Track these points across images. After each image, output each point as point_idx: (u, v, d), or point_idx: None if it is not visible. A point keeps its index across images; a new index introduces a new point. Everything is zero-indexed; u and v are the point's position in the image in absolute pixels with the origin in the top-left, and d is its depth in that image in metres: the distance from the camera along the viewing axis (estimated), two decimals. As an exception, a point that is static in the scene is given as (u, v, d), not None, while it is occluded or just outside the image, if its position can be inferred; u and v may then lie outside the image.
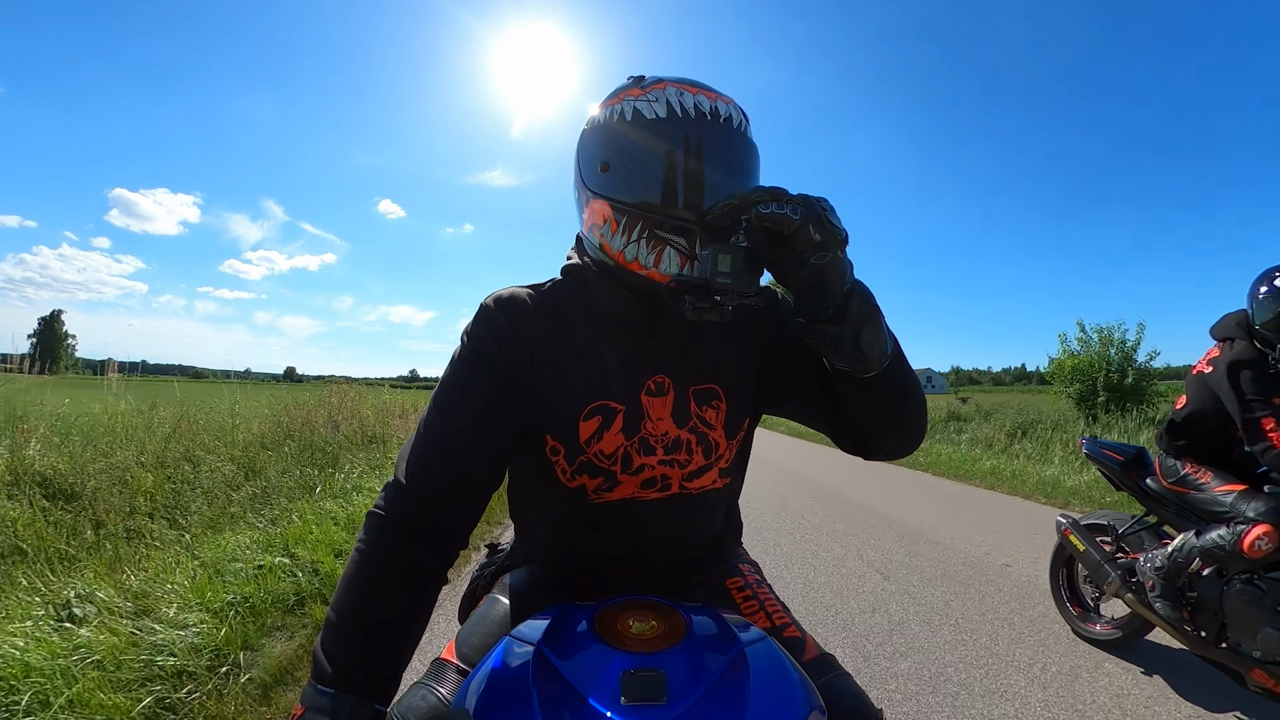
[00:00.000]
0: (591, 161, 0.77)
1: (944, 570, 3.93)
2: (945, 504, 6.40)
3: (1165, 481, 2.52)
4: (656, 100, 0.73)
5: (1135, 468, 2.71)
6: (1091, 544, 2.72)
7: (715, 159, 0.72)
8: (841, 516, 5.61)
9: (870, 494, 6.91)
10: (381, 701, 0.62)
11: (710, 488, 0.86)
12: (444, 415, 0.74)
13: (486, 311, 0.79)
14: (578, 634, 0.63)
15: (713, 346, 0.85)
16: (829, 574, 3.80)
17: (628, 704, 0.51)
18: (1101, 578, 2.63)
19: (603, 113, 0.77)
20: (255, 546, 3.35)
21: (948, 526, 5.22)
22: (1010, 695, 2.31)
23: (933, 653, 2.68)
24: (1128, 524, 2.69)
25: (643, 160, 0.72)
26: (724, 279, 0.63)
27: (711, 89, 0.75)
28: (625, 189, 0.74)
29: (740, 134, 0.75)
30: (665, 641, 0.60)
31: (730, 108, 0.75)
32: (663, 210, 0.71)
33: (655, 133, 0.72)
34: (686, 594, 0.91)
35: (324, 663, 0.62)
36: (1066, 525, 2.88)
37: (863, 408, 0.75)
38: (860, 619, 3.05)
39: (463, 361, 0.77)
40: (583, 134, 0.81)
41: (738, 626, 0.65)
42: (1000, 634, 2.90)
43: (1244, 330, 2.30)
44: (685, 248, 0.71)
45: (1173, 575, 2.31)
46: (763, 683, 0.55)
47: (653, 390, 0.80)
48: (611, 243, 0.75)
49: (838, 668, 0.78)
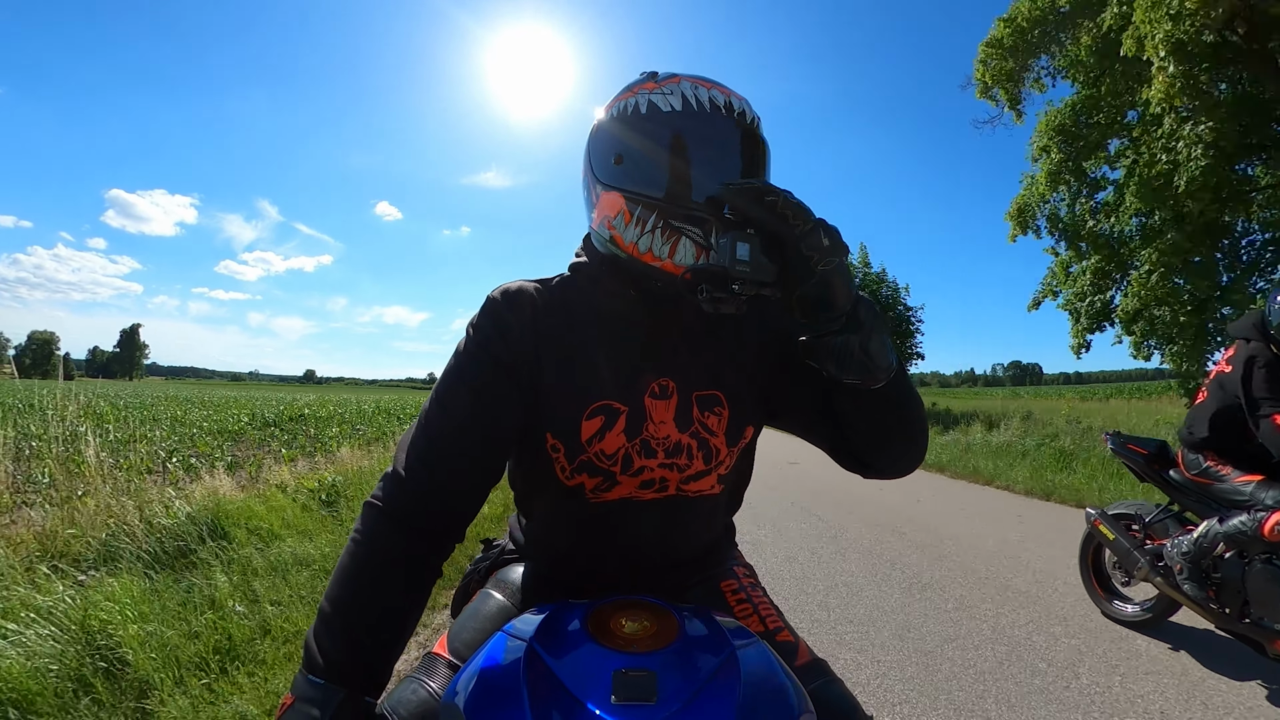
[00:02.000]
0: (604, 154, 0.77)
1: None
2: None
3: (1188, 473, 2.70)
4: (671, 93, 0.74)
5: (1158, 460, 2.88)
6: (1120, 532, 2.90)
7: (730, 151, 0.73)
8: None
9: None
10: (372, 694, 0.62)
11: (708, 493, 0.86)
12: (445, 407, 0.74)
13: (492, 304, 0.78)
14: (570, 632, 0.63)
15: (718, 353, 0.84)
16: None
17: (618, 703, 0.51)
18: (1131, 563, 2.80)
19: (616, 106, 0.78)
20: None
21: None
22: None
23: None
24: (1153, 513, 2.87)
25: (658, 151, 0.73)
26: (743, 267, 0.63)
27: (725, 86, 0.76)
28: (639, 180, 0.74)
29: (754, 130, 0.76)
30: (657, 642, 0.60)
31: (744, 104, 0.76)
32: (678, 201, 0.71)
33: (671, 124, 0.73)
34: (680, 595, 0.91)
35: (315, 653, 0.62)
36: (1096, 516, 3.03)
37: (866, 423, 0.75)
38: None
39: (466, 354, 0.76)
40: (594, 129, 0.81)
41: (730, 629, 0.65)
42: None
43: (1260, 332, 2.49)
44: (700, 238, 0.70)
45: (1198, 558, 2.49)
46: (753, 686, 0.55)
47: (656, 393, 0.80)
48: (624, 234, 0.74)
49: (829, 673, 0.78)
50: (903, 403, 0.73)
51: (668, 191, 0.72)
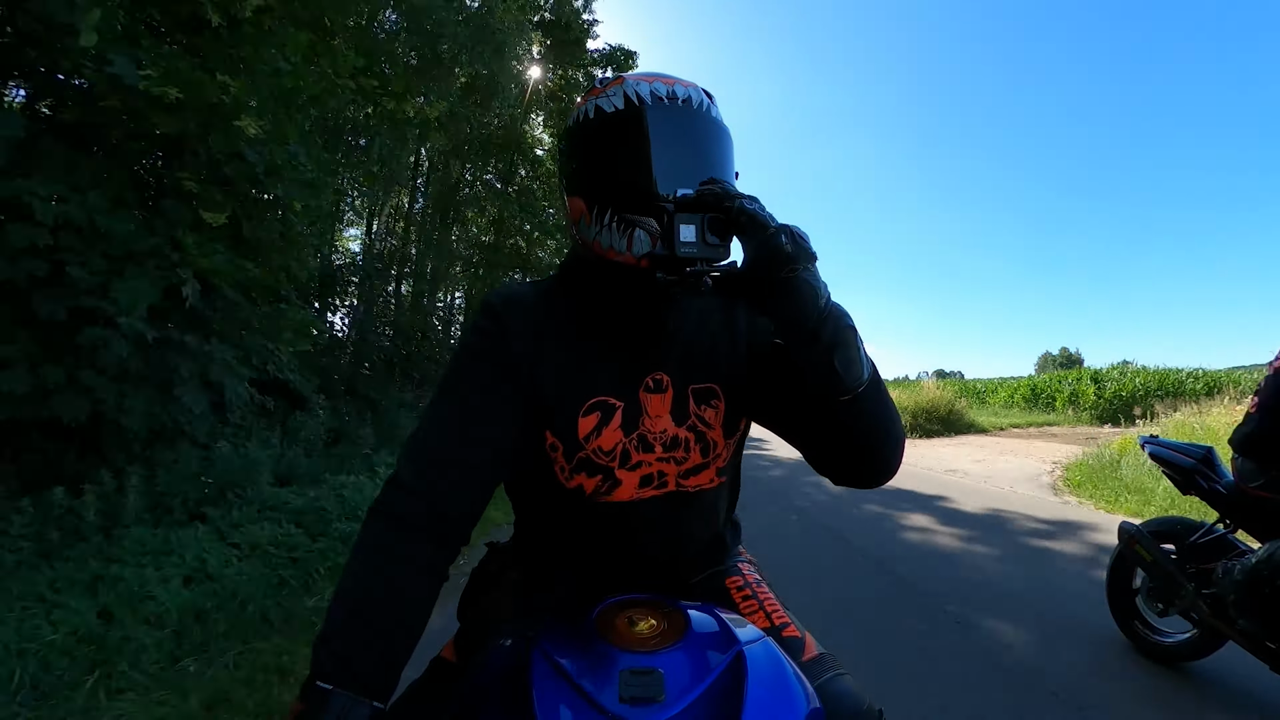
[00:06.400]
0: (565, 163, 0.80)
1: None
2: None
3: (1244, 485, 2.24)
4: (614, 95, 0.75)
5: (1205, 469, 2.44)
6: (1159, 553, 2.46)
7: (674, 138, 0.74)
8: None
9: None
10: (381, 699, 0.62)
11: (707, 487, 0.86)
12: (446, 412, 0.74)
13: (489, 309, 0.79)
14: (577, 632, 0.63)
15: (712, 346, 0.85)
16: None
17: (626, 702, 0.52)
18: (1173, 590, 2.36)
19: (572, 116, 0.80)
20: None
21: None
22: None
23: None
24: (1198, 531, 2.40)
25: (605, 152, 0.75)
26: (688, 248, 0.64)
27: (670, 76, 0.76)
28: (592, 181, 0.76)
29: (701, 113, 0.75)
30: (664, 641, 0.60)
31: (690, 90, 0.76)
32: (627, 195, 0.73)
33: (614, 124, 0.74)
34: (686, 593, 0.91)
35: (324, 659, 0.62)
36: (1133, 533, 2.57)
37: (834, 433, 0.75)
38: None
39: (466, 358, 0.77)
40: (558, 141, 0.82)
41: (737, 626, 0.65)
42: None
43: None
44: (653, 227, 0.72)
45: (1256, 587, 2.03)
46: (760, 683, 0.56)
47: (651, 387, 0.80)
48: (587, 234, 0.76)
49: (837, 667, 0.78)
50: (873, 418, 0.72)
51: (618, 188, 0.73)
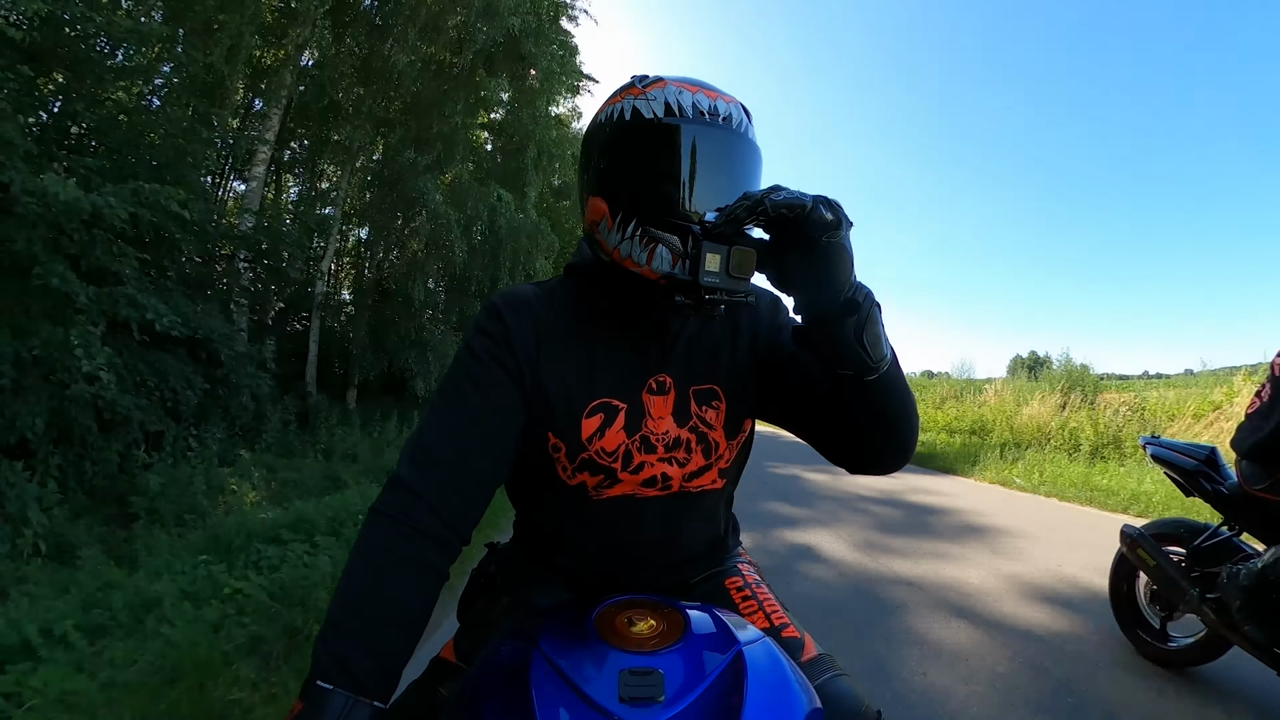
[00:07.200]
0: (591, 160, 0.78)
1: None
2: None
3: (1250, 487, 2.16)
4: (655, 99, 0.72)
5: (1209, 471, 2.38)
6: (1162, 557, 2.41)
7: (711, 159, 0.72)
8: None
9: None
10: (381, 699, 0.62)
11: (709, 488, 0.86)
12: (448, 412, 0.74)
13: (493, 309, 0.79)
14: (576, 632, 0.63)
15: (715, 348, 0.85)
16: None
17: (625, 703, 0.52)
18: (1177, 595, 2.31)
19: (604, 112, 0.78)
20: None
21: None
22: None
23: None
24: (1203, 534, 2.35)
25: (638, 159, 0.73)
26: (710, 278, 0.65)
27: (713, 88, 0.75)
28: (621, 187, 0.74)
29: (739, 134, 0.74)
30: (664, 641, 0.60)
31: (731, 107, 0.74)
32: (656, 208, 0.71)
33: (651, 132, 0.72)
34: (685, 593, 0.91)
35: (324, 659, 0.62)
36: (1134, 537, 2.52)
37: (859, 415, 0.75)
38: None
39: (469, 358, 0.77)
40: (585, 132, 0.81)
41: (736, 627, 0.65)
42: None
43: None
44: (677, 246, 0.70)
45: (1263, 592, 2.00)
46: (760, 684, 0.56)
47: (654, 389, 0.80)
48: (607, 239, 0.75)
49: (836, 667, 0.78)
50: (899, 395, 0.73)
51: (647, 199, 0.72)
